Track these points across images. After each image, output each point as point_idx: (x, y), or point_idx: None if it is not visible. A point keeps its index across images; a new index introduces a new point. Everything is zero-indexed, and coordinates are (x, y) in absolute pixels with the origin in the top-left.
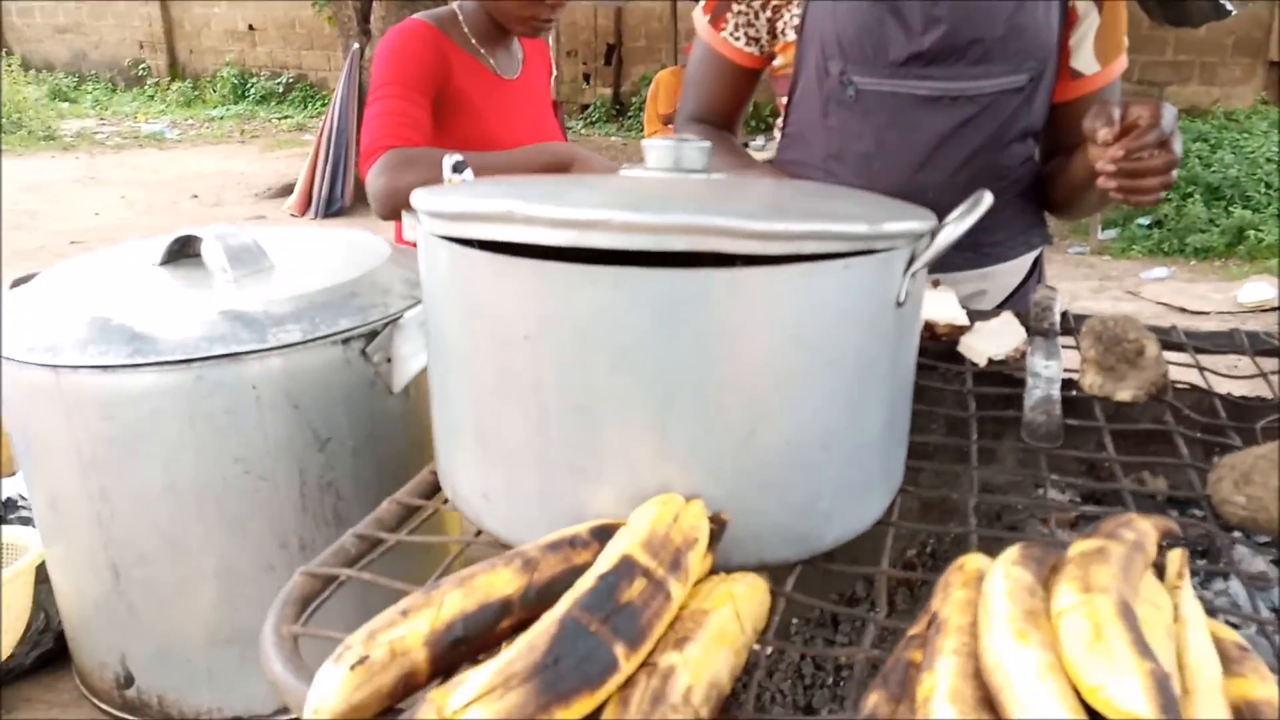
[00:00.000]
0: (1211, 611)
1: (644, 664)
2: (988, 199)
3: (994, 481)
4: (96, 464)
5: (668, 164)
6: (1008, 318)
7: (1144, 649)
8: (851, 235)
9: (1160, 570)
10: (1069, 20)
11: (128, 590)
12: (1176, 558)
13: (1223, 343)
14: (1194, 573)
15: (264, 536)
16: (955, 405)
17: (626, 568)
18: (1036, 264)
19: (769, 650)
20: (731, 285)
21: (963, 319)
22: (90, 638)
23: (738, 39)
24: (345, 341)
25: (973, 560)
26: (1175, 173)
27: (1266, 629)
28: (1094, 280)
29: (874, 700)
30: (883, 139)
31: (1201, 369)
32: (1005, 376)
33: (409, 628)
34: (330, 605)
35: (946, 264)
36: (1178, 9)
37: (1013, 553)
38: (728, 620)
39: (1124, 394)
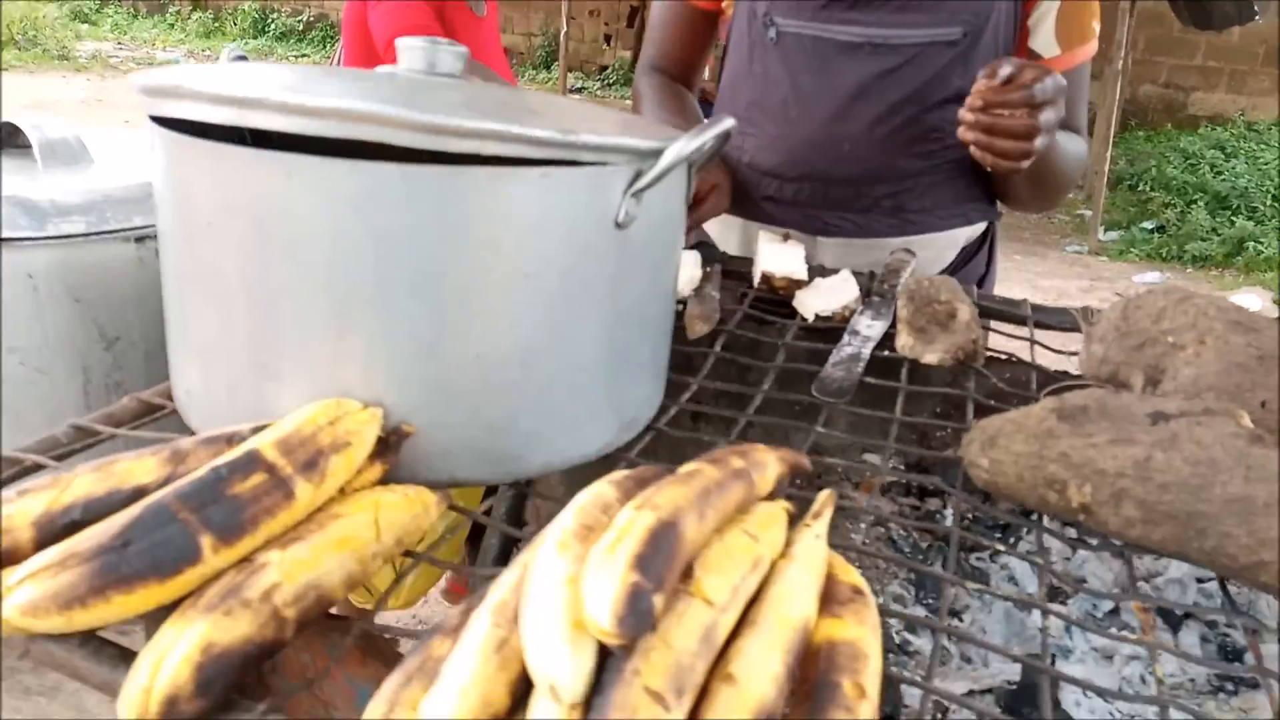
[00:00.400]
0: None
1: (243, 560)
2: (729, 123)
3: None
4: None
5: (421, 66)
6: (845, 275)
7: (647, 565)
8: (540, 140)
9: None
10: None
11: None
12: (821, 497)
13: (1065, 320)
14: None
15: (41, 430)
16: (765, 357)
17: (246, 461)
18: (986, 242)
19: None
20: (407, 181)
21: (801, 274)
22: None
23: None
24: (140, 240)
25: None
26: (1039, 143)
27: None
28: (1085, 280)
29: (457, 608)
30: (799, 85)
31: (1034, 342)
32: (830, 332)
33: (20, 505)
34: None
35: (865, 228)
36: (1202, 10)
37: (618, 473)
38: (359, 527)
39: (931, 356)
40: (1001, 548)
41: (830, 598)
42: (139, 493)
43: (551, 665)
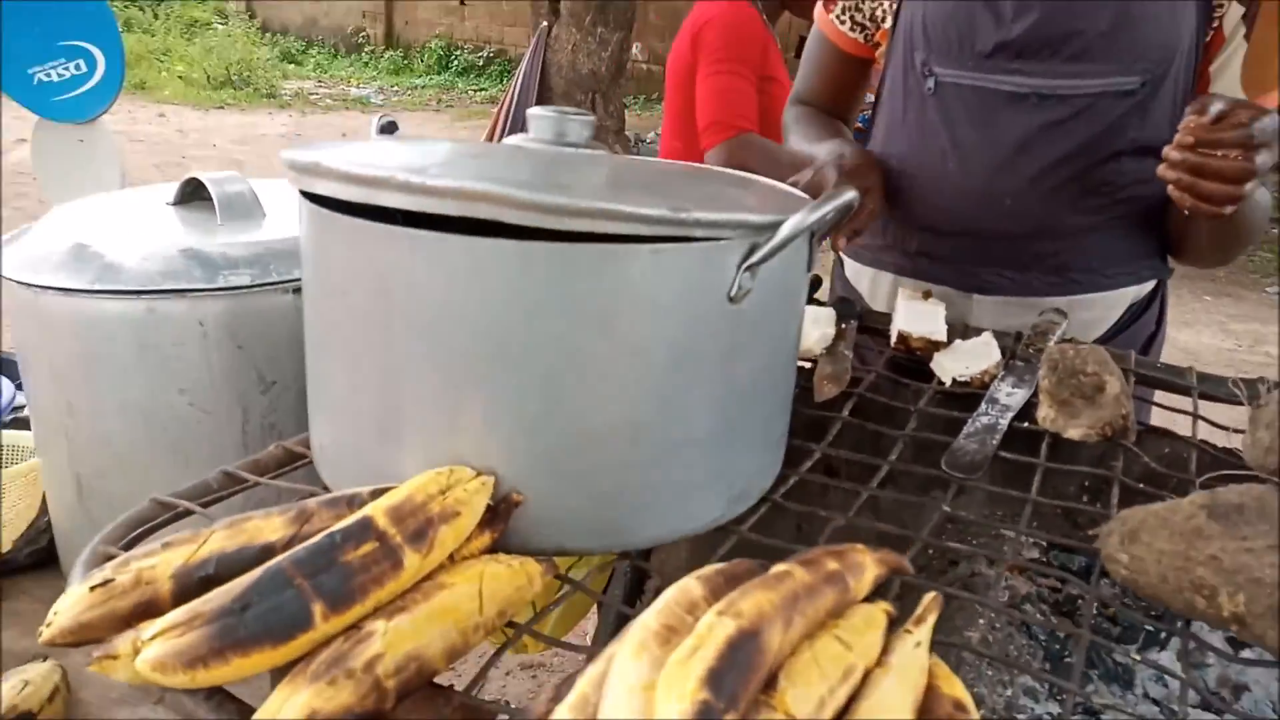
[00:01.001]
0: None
1: (351, 628)
2: (851, 195)
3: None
4: (64, 380)
5: (550, 136)
6: (987, 338)
7: (720, 681)
8: (650, 219)
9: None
10: (1214, 40)
11: (89, 500)
12: (926, 600)
13: (1234, 393)
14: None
15: (205, 467)
16: (897, 424)
17: (359, 529)
18: (1156, 299)
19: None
20: (520, 257)
21: (940, 334)
22: (65, 540)
23: (843, 23)
24: (297, 291)
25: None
26: (1249, 188)
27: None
28: None
29: (541, 697)
30: (959, 137)
31: (1197, 416)
32: (969, 398)
33: (162, 558)
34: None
35: (1025, 285)
36: None
37: (710, 568)
38: (462, 598)
39: (1074, 431)
40: (1137, 657)
41: (931, 712)
42: (267, 550)
43: None
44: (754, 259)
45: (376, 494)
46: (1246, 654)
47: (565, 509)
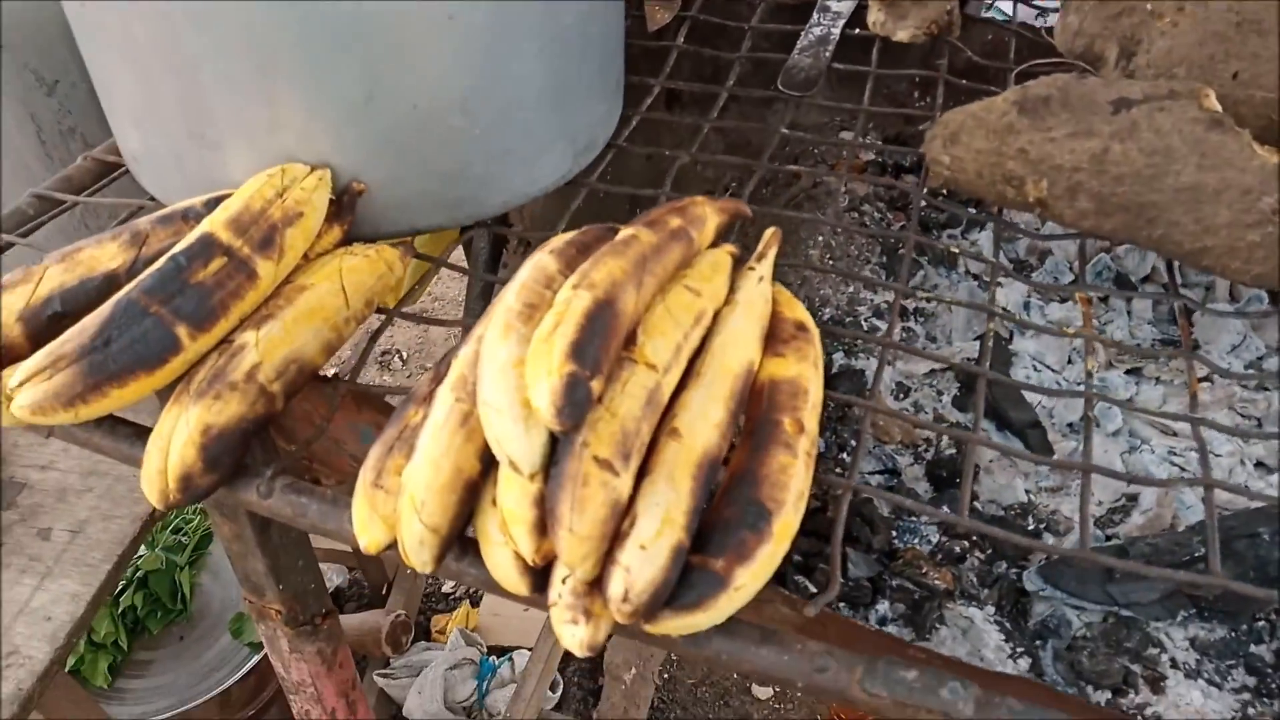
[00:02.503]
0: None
1: (222, 343)
2: None
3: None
4: None
5: None
6: None
7: (583, 351)
8: None
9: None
10: None
11: None
12: (766, 236)
13: None
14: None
15: (10, 186)
16: (733, 45)
17: (202, 247)
18: None
19: None
20: None
21: None
22: None
23: None
24: None
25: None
26: None
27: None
28: None
29: (425, 377)
30: None
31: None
32: (802, 9)
33: (2, 304)
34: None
35: None
36: None
37: (560, 238)
38: (326, 295)
39: (902, 33)
40: (957, 246)
41: (775, 336)
42: (110, 279)
43: (508, 444)
44: None
45: (211, 204)
46: (1048, 229)
47: (410, 190)
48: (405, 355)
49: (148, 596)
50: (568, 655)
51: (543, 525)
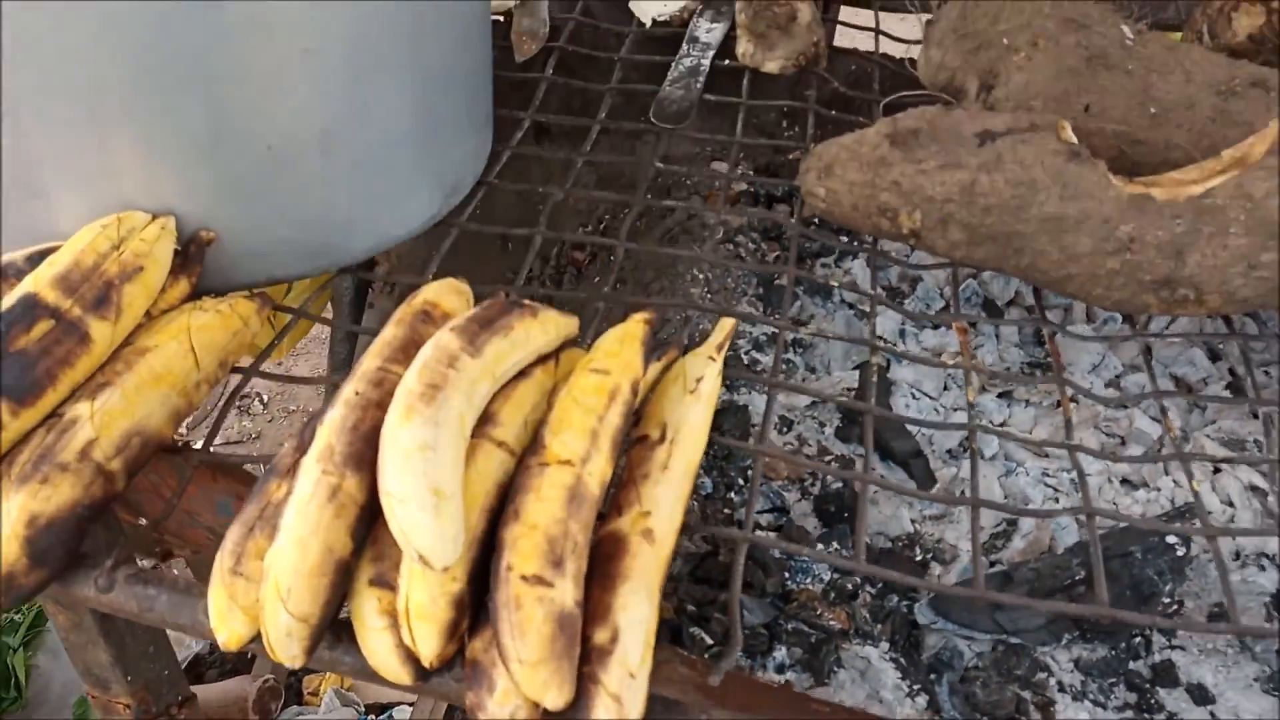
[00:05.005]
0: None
1: (50, 417)
2: None
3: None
4: None
5: None
6: None
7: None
8: None
9: None
10: None
11: None
12: (726, 327)
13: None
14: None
15: None
16: (603, 76)
17: (24, 309)
18: None
19: None
20: None
21: None
22: None
23: None
24: None
25: (431, 290)
26: None
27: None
28: None
29: (286, 445)
30: None
31: (879, 32)
32: (671, 40)
33: None
34: None
35: None
36: None
37: (463, 317)
38: (172, 357)
39: (771, 65)
40: (834, 277)
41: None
42: None
43: (417, 537)
44: None
45: (35, 260)
46: (916, 258)
47: (265, 237)
48: (266, 399)
49: None
50: (451, 707)
51: (454, 628)
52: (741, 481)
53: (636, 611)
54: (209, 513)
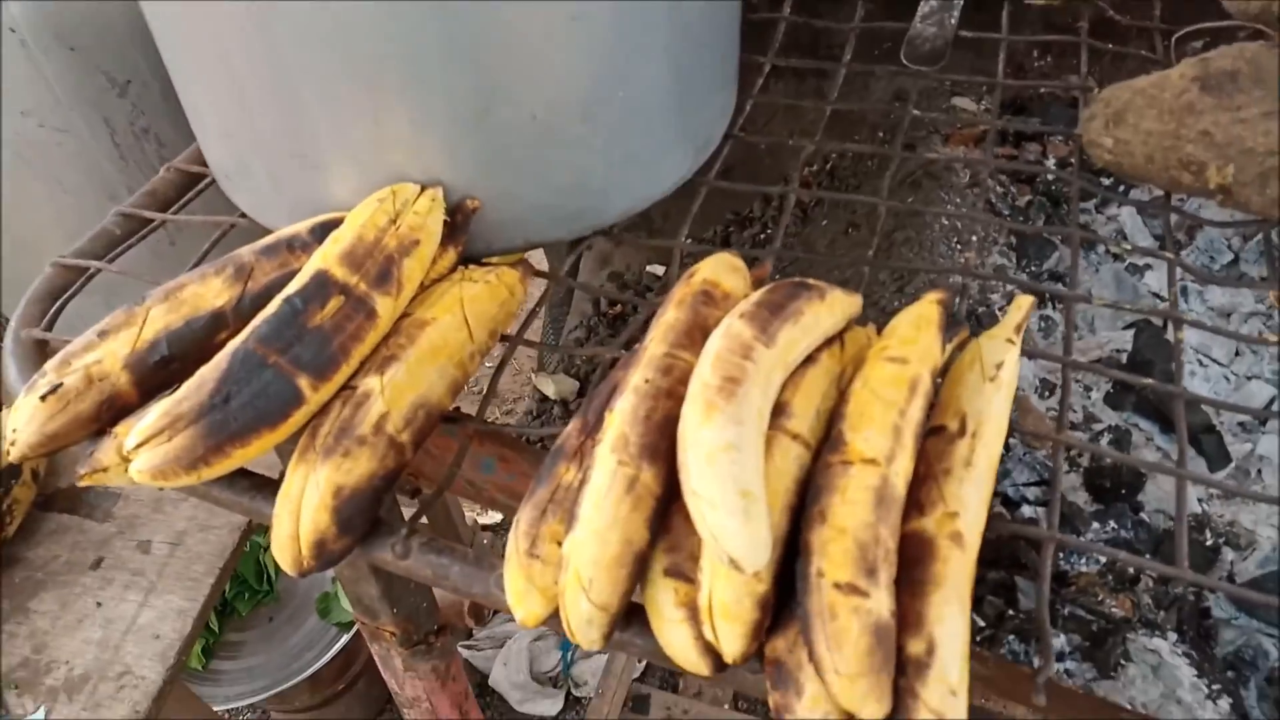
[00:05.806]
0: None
1: (344, 389)
2: None
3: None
4: None
5: None
6: None
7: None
8: None
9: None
10: None
11: None
12: (1024, 305)
13: None
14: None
15: (85, 190)
16: (845, 16)
17: (317, 286)
18: None
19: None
20: None
21: None
22: None
23: None
24: None
25: (708, 268)
26: None
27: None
28: None
29: (570, 426)
30: None
31: None
32: None
33: (106, 350)
34: (94, 299)
35: None
36: None
37: (749, 303)
38: (449, 330)
39: None
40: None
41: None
42: (216, 317)
43: (727, 541)
44: None
45: (317, 232)
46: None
47: (526, 204)
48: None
49: (234, 578)
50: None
51: (759, 629)
52: (1049, 485)
53: (952, 624)
54: (473, 469)
